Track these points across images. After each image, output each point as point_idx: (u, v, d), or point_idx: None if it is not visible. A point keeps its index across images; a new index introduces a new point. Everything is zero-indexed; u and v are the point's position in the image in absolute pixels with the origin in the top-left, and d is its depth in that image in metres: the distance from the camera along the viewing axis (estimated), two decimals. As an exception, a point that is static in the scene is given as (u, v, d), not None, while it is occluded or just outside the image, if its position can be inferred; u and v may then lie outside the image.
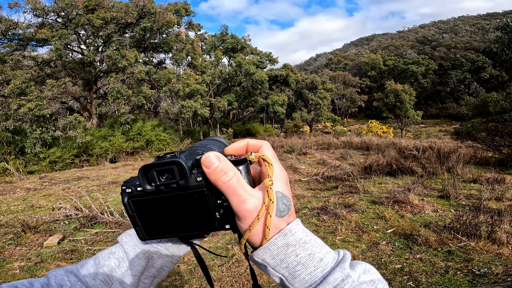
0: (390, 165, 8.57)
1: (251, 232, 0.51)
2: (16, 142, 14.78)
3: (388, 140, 17.59)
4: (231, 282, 3.28)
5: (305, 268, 0.49)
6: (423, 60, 63.94)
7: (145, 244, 0.65)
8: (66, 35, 16.79)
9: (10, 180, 11.61)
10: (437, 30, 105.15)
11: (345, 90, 51.75)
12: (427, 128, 47.59)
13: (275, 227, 0.51)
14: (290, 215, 0.53)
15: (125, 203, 0.55)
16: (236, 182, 0.50)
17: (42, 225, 5.03)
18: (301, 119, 34.53)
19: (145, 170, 0.52)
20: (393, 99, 36.78)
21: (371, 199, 5.87)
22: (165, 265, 0.67)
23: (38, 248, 4.25)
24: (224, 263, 3.67)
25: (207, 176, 0.50)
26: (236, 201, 0.50)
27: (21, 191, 9.05)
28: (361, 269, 0.51)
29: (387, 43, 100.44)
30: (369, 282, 0.48)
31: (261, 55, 31.59)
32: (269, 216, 0.50)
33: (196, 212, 0.53)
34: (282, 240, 0.50)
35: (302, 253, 0.50)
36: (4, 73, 15.24)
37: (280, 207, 0.52)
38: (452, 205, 5.26)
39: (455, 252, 3.61)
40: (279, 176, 0.55)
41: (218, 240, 4.32)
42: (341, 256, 0.52)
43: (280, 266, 0.50)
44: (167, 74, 20.91)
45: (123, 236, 0.67)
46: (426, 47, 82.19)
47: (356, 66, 74.94)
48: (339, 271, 0.47)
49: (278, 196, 0.52)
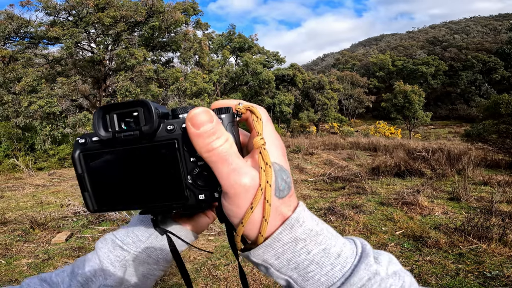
0: (398, 166, 8.47)
1: (245, 227, 0.40)
2: (26, 139, 14.98)
3: (396, 141, 17.43)
4: (237, 281, 3.25)
5: (320, 268, 0.40)
6: (433, 60, 63.36)
7: (121, 250, 0.56)
8: (76, 33, 16.96)
9: (20, 177, 11.70)
10: (448, 31, 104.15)
11: (352, 91, 51.45)
12: (436, 130, 47.06)
13: (276, 213, 0.40)
14: (291, 196, 0.43)
15: (74, 157, 0.44)
16: (228, 148, 0.39)
17: (50, 221, 5.06)
18: (308, 119, 34.43)
19: (104, 112, 0.42)
20: (401, 100, 36.49)
21: (379, 200, 5.80)
22: (149, 273, 0.59)
23: (46, 245, 4.27)
24: (230, 262, 3.65)
25: (192, 138, 0.38)
26: (226, 171, 0.39)
27: (30, 187, 9.12)
28: (386, 261, 0.42)
29: (396, 44, 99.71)
30: (394, 276, 0.40)
31: (268, 55, 31.60)
32: (266, 200, 0.39)
33: (161, 174, 0.42)
34: (288, 234, 0.40)
35: (315, 249, 0.40)
36: (16, 70, 15.44)
37: (279, 184, 0.41)
38: (463, 208, 5.17)
39: (466, 254, 3.54)
40: (273, 141, 0.44)
41: (224, 239, 4.30)
42: (360, 247, 0.43)
43: (287, 267, 0.40)
44: (175, 72, 20.97)
45: (99, 241, 0.60)
46: (437, 48, 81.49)
47: (364, 67, 74.47)
48: (364, 269, 0.39)
49: (276, 168, 0.42)
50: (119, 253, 0.56)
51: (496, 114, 11.34)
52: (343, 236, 0.44)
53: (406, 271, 0.42)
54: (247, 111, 0.45)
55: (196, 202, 0.43)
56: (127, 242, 0.57)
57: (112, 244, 0.57)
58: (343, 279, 0.38)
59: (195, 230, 0.63)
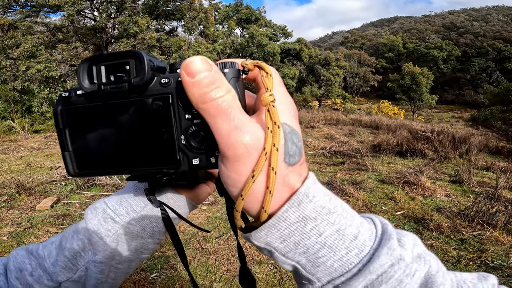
0: (400, 145, 8.30)
1: (245, 199, 0.33)
2: (23, 101, 14.91)
3: (398, 121, 17.18)
4: (228, 256, 3.11)
5: (333, 252, 0.34)
6: (446, 45, 62.57)
7: (113, 222, 0.51)
8: (79, 1, 16.53)
9: (16, 139, 11.59)
10: (467, 17, 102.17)
11: (359, 69, 50.47)
12: (440, 114, 46.78)
13: (282, 183, 0.33)
14: (302, 164, 0.35)
15: (56, 111, 0.39)
16: (230, 100, 0.32)
17: (38, 186, 4.90)
18: (311, 93, 34.06)
19: (91, 63, 0.36)
20: (409, 81, 36.08)
21: (379, 177, 5.62)
22: (142, 247, 0.54)
23: (31, 211, 4.09)
24: (222, 234, 3.49)
25: (187, 88, 0.32)
26: (227, 128, 0.32)
27: (25, 150, 9.01)
28: (411, 244, 0.35)
29: (409, 26, 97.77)
30: (418, 260, 0.34)
31: (275, 28, 30.99)
32: (271, 167, 0.31)
33: (151, 134, 0.36)
34: (295, 212, 0.33)
35: (328, 230, 0.34)
36: (15, 38, 15.30)
37: (290, 148, 0.34)
38: (465, 191, 4.99)
39: (468, 241, 3.39)
40: (284, 101, 0.36)
41: (218, 210, 4.12)
42: (380, 227, 0.36)
43: (294, 251, 0.34)
44: (178, 41, 20.69)
45: (88, 210, 0.54)
46: (452, 33, 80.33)
47: (373, 47, 73.18)
48: (386, 254, 0.33)
49: (286, 130, 0.34)
50: (110, 226, 0.51)
51: (505, 101, 11.33)
52: (359, 214, 0.37)
53: (432, 254, 0.36)
54: (255, 68, 0.38)
55: (189, 167, 0.37)
56: (119, 212, 0.52)
57: (103, 214, 0.52)
58: (360, 266, 0.33)
59: (195, 199, 0.59)
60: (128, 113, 0.37)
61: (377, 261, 0.32)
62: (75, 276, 0.51)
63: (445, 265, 1.63)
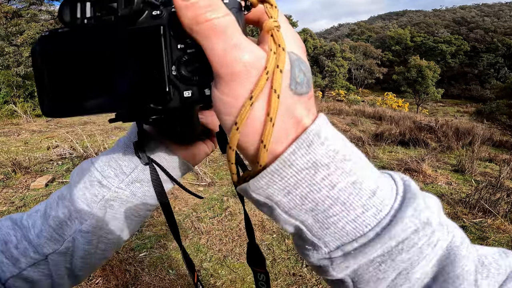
0: (403, 134, 8.24)
1: (240, 129, 0.27)
2: (26, 86, 14.89)
3: (402, 113, 17.03)
4: (220, 236, 3.05)
5: (346, 211, 0.28)
6: (455, 40, 61.95)
7: (100, 186, 0.46)
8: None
9: (17, 122, 11.59)
10: (479, 13, 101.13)
11: (364, 61, 50.07)
12: (445, 107, 46.42)
13: (287, 113, 0.27)
14: (310, 98, 0.30)
15: (34, 50, 0.35)
16: (228, 21, 0.27)
17: (35, 165, 4.86)
18: (315, 84, 33.93)
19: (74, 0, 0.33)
20: (415, 74, 35.82)
21: (380, 164, 5.56)
22: (133, 215, 0.49)
23: (25, 190, 4.04)
24: (216, 215, 3.43)
25: (180, 12, 0.28)
26: (223, 46, 0.27)
27: (26, 133, 8.99)
28: (437, 207, 0.30)
29: (418, 20, 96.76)
30: (441, 228, 0.29)
31: (280, 17, 30.69)
32: (273, 89, 0.26)
33: (138, 67, 0.32)
34: (305, 155, 0.27)
35: (342, 182, 0.27)
36: (19, 25, 15.26)
37: (297, 75, 0.28)
38: (467, 180, 4.92)
39: (469, 228, 3.32)
40: (291, 35, 0.31)
41: (214, 191, 4.06)
42: (401, 184, 0.30)
43: (300, 208, 0.28)
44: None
45: (74, 172, 0.49)
46: (462, 28, 79.60)
47: (380, 39, 72.47)
48: (411, 216, 0.28)
49: (292, 57, 0.29)
50: (97, 191, 0.46)
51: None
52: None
53: (455, 224, 0.32)
54: (258, 4, 0.31)
55: (180, 102, 0.33)
56: (107, 174, 0.47)
57: (89, 177, 0.47)
58: (378, 229, 0.27)
59: (191, 160, 0.52)
60: (114, 48, 0.32)
61: (400, 224, 0.27)
62: (62, 247, 0.47)
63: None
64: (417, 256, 0.28)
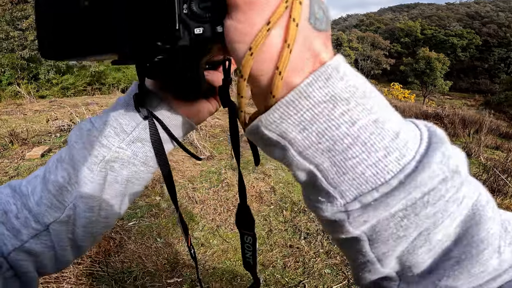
0: (409, 120, 8.13)
1: (255, 55, 0.25)
2: (30, 69, 15.06)
3: (409, 103, 16.85)
4: (215, 205, 2.97)
5: (367, 153, 0.24)
6: (467, 34, 60.93)
7: (100, 146, 0.43)
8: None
9: (21, 103, 11.58)
10: (494, 8, 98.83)
11: (371, 52, 49.42)
12: (452, 100, 45.75)
13: (305, 44, 0.25)
14: (328, 38, 0.28)
15: None
16: None
17: (33, 137, 4.81)
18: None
19: None
20: (423, 65, 35.27)
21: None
22: (134, 177, 0.45)
23: (20, 160, 3.99)
24: (213, 186, 3.35)
25: None
26: None
27: (29, 112, 8.98)
28: (463, 159, 0.27)
29: (430, 13, 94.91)
30: (467, 184, 0.26)
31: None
32: (292, 18, 0.24)
33: (147, 5, 0.29)
34: (323, 88, 0.25)
35: (363, 119, 0.25)
36: (24, 10, 15.32)
37: (316, 11, 0.26)
38: (473, 163, 4.80)
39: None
40: None
41: (213, 164, 3.98)
42: (425, 130, 0.27)
43: (316, 147, 0.25)
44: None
45: (72, 132, 0.46)
46: (475, 22, 78.16)
47: (389, 31, 71.24)
48: (440, 163, 0.24)
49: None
50: (96, 151, 0.43)
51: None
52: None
53: (479, 183, 0.28)
54: None
55: (189, 41, 0.30)
56: (107, 133, 0.44)
57: (88, 137, 0.43)
58: (401, 176, 0.24)
59: (194, 117, 0.49)
60: None
61: (426, 170, 0.23)
62: (63, 215, 0.43)
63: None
64: (441, 213, 0.25)
